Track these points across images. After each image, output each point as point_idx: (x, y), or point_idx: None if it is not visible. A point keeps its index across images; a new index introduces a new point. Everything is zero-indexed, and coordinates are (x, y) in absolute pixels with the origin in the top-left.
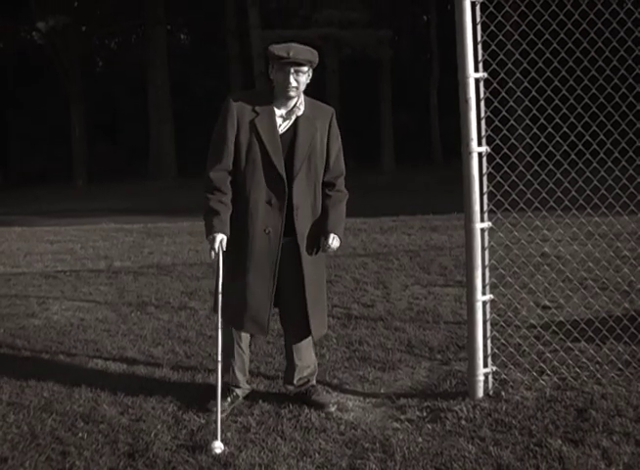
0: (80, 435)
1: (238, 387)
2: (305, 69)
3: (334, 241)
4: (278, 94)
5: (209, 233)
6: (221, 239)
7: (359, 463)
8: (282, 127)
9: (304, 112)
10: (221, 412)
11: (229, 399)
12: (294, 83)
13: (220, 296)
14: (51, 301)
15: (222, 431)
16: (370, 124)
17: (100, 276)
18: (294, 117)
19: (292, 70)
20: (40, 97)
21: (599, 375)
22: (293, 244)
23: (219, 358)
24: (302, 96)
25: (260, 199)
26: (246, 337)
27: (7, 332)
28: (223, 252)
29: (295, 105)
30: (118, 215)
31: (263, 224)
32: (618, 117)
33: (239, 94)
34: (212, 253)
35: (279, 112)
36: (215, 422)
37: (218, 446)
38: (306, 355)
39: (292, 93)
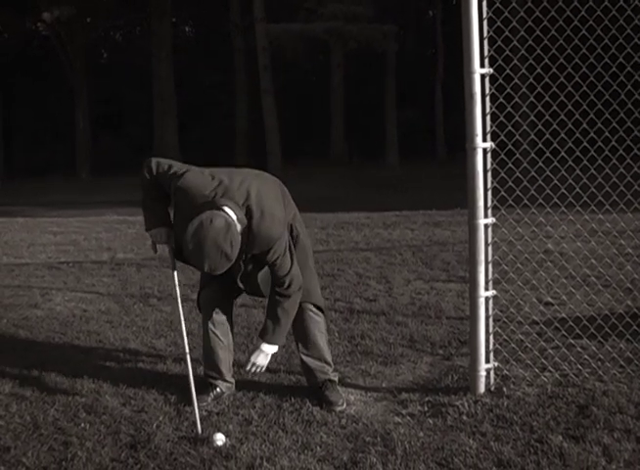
0: (82, 425)
1: (218, 380)
2: None
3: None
4: None
5: (148, 228)
6: (164, 232)
7: (360, 457)
8: None
9: None
10: (201, 408)
11: (212, 395)
12: None
13: (177, 288)
14: (54, 292)
15: (219, 425)
16: (374, 119)
17: (103, 268)
18: None
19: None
20: (44, 89)
21: (601, 372)
22: None
23: (187, 350)
24: None
25: None
26: (226, 331)
27: (10, 322)
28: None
29: None
30: (122, 207)
31: None
32: (624, 115)
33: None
34: (155, 246)
35: None
36: (194, 415)
37: (220, 439)
38: (316, 352)
39: None
